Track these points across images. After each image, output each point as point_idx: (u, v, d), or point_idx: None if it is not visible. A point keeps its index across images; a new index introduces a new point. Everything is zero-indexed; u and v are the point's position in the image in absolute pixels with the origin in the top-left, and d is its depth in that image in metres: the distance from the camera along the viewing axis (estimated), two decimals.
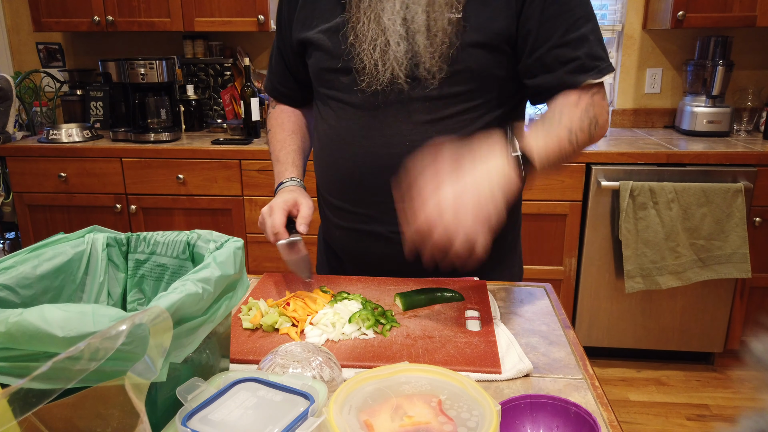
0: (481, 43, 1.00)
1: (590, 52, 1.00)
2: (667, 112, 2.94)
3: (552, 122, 0.99)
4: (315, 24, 1.09)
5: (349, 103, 1.08)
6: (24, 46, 3.19)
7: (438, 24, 0.98)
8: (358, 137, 1.08)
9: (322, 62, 1.09)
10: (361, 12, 1.02)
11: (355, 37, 1.03)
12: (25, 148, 2.60)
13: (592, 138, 1.02)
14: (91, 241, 0.75)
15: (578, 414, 0.66)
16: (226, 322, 0.69)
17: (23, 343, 0.47)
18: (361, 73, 1.04)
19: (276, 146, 1.24)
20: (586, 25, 1.00)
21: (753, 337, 0.52)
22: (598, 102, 1.02)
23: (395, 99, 1.03)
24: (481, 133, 1.05)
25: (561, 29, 0.99)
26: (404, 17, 1.00)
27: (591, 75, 1.00)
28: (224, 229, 2.61)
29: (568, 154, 0.99)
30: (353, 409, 0.57)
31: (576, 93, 1.01)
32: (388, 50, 1.00)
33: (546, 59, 1.01)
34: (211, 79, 3.06)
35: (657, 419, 2.30)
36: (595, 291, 2.53)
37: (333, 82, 1.09)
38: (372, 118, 1.06)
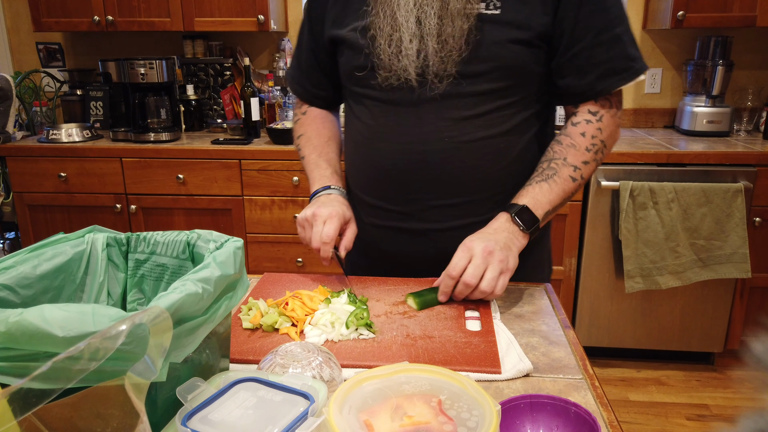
0: (520, 39, 1.00)
1: (623, 53, 1.02)
2: (667, 112, 2.94)
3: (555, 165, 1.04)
4: (347, 22, 1.09)
5: (384, 100, 1.07)
6: (24, 46, 3.19)
7: (448, 30, 0.99)
8: (393, 134, 1.08)
9: (354, 60, 1.08)
10: (379, 6, 1.03)
11: (375, 31, 1.03)
12: (25, 148, 2.60)
13: (599, 163, 1.08)
14: (91, 241, 0.75)
15: (578, 414, 0.66)
16: (226, 322, 0.69)
17: (23, 343, 0.47)
18: (378, 68, 1.04)
19: (313, 152, 1.21)
20: (620, 26, 1.02)
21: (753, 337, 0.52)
22: (608, 120, 1.06)
23: (431, 95, 1.03)
24: (517, 129, 1.08)
25: (595, 29, 1.00)
26: (417, 17, 1.00)
27: (622, 78, 1.03)
28: (224, 229, 2.62)
29: (573, 191, 1.06)
30: (353, 409, 0.57)
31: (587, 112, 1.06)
32: (401, 46, 1.01)
33: (579, 60, 1.02)
34: (211, 79, 3.06)
35: (657, 419, 2.30)
36: (595, 291, 2.53)
37: (366, 80, 1.08)
38: (408, 115, 1.06)
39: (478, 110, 1.04)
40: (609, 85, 1.03)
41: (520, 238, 1.01)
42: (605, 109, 1.06)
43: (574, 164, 1.04)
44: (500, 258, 0.96)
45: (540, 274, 1.22)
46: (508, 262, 0.97)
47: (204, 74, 3.06)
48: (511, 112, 1.06)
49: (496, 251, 0.96)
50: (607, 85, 1.03)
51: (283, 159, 2.52)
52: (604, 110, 1.05)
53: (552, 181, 1.03)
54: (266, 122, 2.83)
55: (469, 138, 1.05)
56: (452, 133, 1.05)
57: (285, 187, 2.55)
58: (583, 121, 1.06)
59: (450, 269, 0.97)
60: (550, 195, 1.03)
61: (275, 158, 2.52)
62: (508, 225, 1.01)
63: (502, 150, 1.07)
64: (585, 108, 1.06)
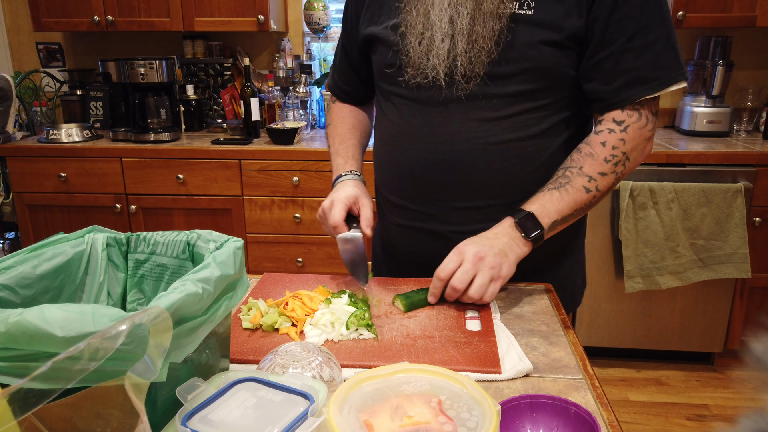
0: (553, 41, 0.97)
1: (654, 62, 0.98)
2: (667, 112, 2.94)
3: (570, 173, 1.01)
4: (382, 20, 1.09)
5: (412, 98, 1.07)
6: (24, 46, 3.19)
7: (479, 30, 0.97)
8: (420, 133, 1.07)
9: (385, 57, 1.09)
10: (412, 4, 1.02)
11: (406, 28, 1.03)
12: (24, 148, 2.60)
13: (620, 177, 1.03)
14: (90, 241, 0.75)
15: (578, 414, 0.66)
16: (226, 322, 0.69)
17: (23, 343, 0.47)
18: (406, 65, 1.04)
19: (336, 140, 1.23)
20: (656, 32, 0.97)
21: (753, 337, 0.52)
22: (634, 132, 1.01)
23: (458, 95, 1.02)
24: (546, 133, 1.05)
25: (626, 34, 0.96)
26: (451, 17, 0.99)
27: (650, 88, 0.98)
28: (224, 229, 2.62)
29: (587, 204, 1.02)
30: (353, 409, 0.57)
31: (611, 121, 1.01)
32: (432, 45, 1.01)
33: (605, 65, 0.99)
34: (210, 79, 3.06)
35: (657, 419, 2.30)
36: (595, 291, 2.53)
37: (394, 78, 1.08)
38: (436, 114, 1.05)
39: (506, 112, 1.02)
40: (633, 94, 0.99)
41: (521, 245, 0.98)
42: (632, 120, 1.00)
43: (590, 174, 1.00)
44: (491, 264, 0.94)
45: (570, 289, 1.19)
46: (500, 269, 0.95)
47: (204, 74, 3.06)
48: (541, 116, 1.04)
49: (488, 257, 0.94)
50: (632, 93, 0.99)
51: (283, 159, 2.52)
52: (631, 120, 1.00)
53: (564, 190, 1.00)
54: (266, 122, 2.83)
55: (496, 140, 1.03)
56: (479, 134, 1.03)
57: (285, 187, 2.55)
58: (606, 130, 1.01)
59: (439, 270, 0.96)
60: (559, 204, 0.99)
61: (275, 158, 2.52)
62: (510, 230, 0.99)
63: (530, 153, 1.05)
64: (610, 116, 1.02)
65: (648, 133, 1.02)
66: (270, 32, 2.91)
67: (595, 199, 1.02)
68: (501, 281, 0.95)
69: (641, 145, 1.02)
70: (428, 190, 1.09)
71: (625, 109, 1.01)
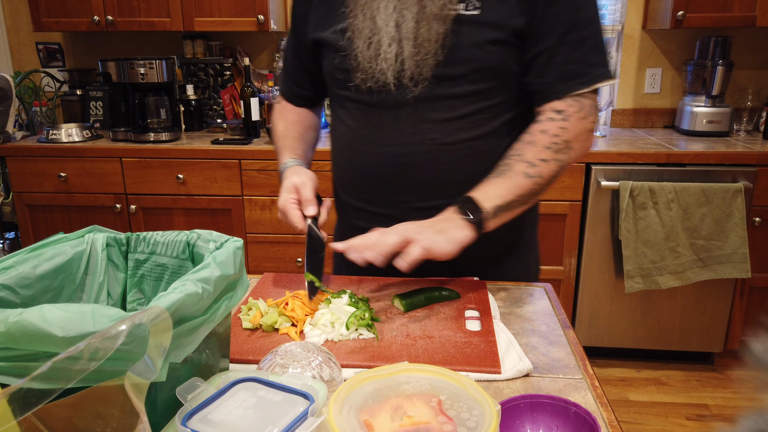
0: (499, 40, 0.99)
1: (585, 57, 1.00)
2: (667, 112, 2.94)
3: (510, 161, 1.02)
4: (329, 24, 1.09)
5: (365, 102, 1.07)
6: (24, 46, 3.19)
7: (424, 34, 0.99)
8: (375, 137, 1.08)
9: (334, 62, 1.08)
10: (359, 9, 1.02)
11: (353, 33, 1.03)
12: (24, 148, 2.60)
13: (563, 165, 1.03)
14: (90, 241, 0.75)
15: (578, 414, 0.66)
16: (226, 322, 0.69)
17: (23, 343, 0.47)
18: (355, 70, 1.05)
19: (277, 138, 1.24)
20: (588, 29, 1.00)
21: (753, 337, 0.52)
22: (575, 122, 1.02)
23: (410, 98, 1.03)
24: (499, 131, 1.07)
25: (561, 29, 0.99)
26: (396, 21, 1.00)
27: (581, 83, 1.01)
28: (224, 229, 2.62)
29: (529, 189, 1.00)
30: (353, 409, 0.57)
31: (551, 110, 1.03)
32: (380, 50, 1.01)
33: (541, 58, 1.01)
34: (210, 79, 3.06)
35: (657, 419, 2.30)
36: (595, 291, 2.53)
37: (346, 83, 1.08)
38: (389, 117, 1.06)
39: (458, 112, 1.04)
40: (567, 87, 1.01)
41: (462, 227, 0.95)
42: (573, 110, 1.02)
43: (530, 160, 1.00)
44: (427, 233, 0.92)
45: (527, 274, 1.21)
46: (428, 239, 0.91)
47: (204, 74, 3.06)
48: (493, 114, 1.05)
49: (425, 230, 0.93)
50: (566, 86, 1.01)
51: None
52: (571, 110, 1.02)
53: (505, 176, 1.00)
54: (266, 122, 2.83)
55: (449, 140, 1.05)
56: (433, 135, 1.05)
57: None
58: (547, 119, 1.03)
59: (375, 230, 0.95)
60: (499, 189, 0.99)
61: (275, 158, 2.51)
62: (450, 215, 0.97)
63: (484, 152, 1.06)
64: (550, 107, 1.03)
65: (590, 124, 1.04)
66: (270, 32, 2.91)
67: (539, 186, 1.01)
68: (422, 249, 0.90)
69: (583, 135, 1.03)
70: (386, 192, 1.10)
71: (565, 99, 1.02)
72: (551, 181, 1.03)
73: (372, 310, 0.93)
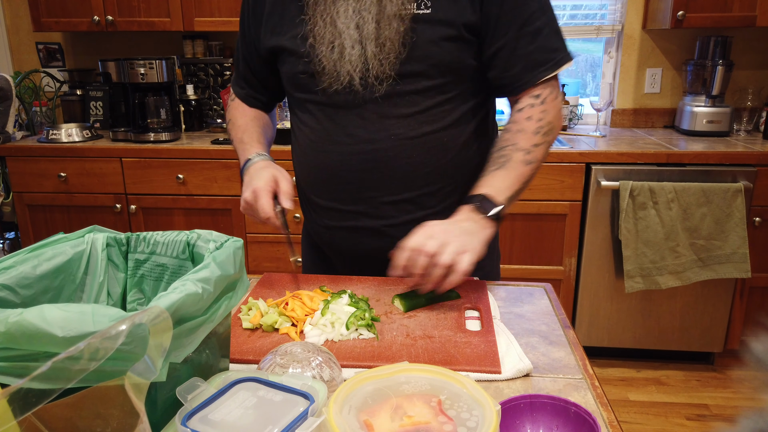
0: (453, 36, 1.03)
1: (545, 45, 1.06)
2: (667, 112, 2.94)
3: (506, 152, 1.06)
4: (285, 30, 1.11)
5: (328, 104, 1.09)
6: (24, 46, 3.19)
7: (386, 33, 1.02)
8: (341, 136, 1.10)
9: (296, 67, 1.10)
10: (318, 15, 1.05)
11: (314, 39, 1.06)
12: (24, 148, 2.60)
13: (550, 145, 1.10)
14: (90, 241, 0.75)
15: (578, 414, 0.66)
16: (226, 322, 0.69)
17: (23, 343, 0.47)
18: (321, 74, 1.07)
19: (238, 132, 1.25)
20: (541, 18, 1.05)
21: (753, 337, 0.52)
22: (551, 103, 1.08)
23: (375, 96, 1.06)
24: (458, 122, 1.11)
25: (517, 23, 1.04)
26: (357, 23, 1.03)
27: (547, 69, 1.06)
28: (224, 229, 2.62)
29: (529, 175, 1.07)
30: (353, 409, 0.57)
31: (529, 97, 1.08)
32: (344, 53, 1.04)
33: (502, 53, 1.06)
34: (210, 79, 3.06)
35: (657, 419, 2.30)
36: (595, 291, 2.53)
37: (309, 87, 1.10)
38: (354, 116, 1.08)
39: (420, 107, 1.07)
40: (534, 76, 1.06)
41: (484, 226, 1.00)
42: (546, 93, 1.08)
43: (525, 148, 1.06)
44: (458, 235, 0.96)
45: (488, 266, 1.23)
46: (470, 243, 0.96)
47: (204, 74, 3.06)
48: (451, 107, 1.10)
49: (455, 231, 0.97)
50: (532, 76, 1.06)
51: (282, 159, 2.52)
52: (545, 93, 1.08)
53: (507, 167, 1.05)
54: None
55: (414, 134, 1.08)
56: (398, 131, 1.08)
57: None
58: (527, 106, 1.08)
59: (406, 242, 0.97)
60: (507, 180, 1.04)
61: (275, 158, 2.50)
62: (471, 214, 1.01)
63: (447, 143, 1.11)
64: (527, 94, 1.08)
65: (560, 103, 1.11)
66: None
67: (535, 169, 1.08)
68: (471, 254, 0.95)
69: (559, 114, 1.11)
70: (356, 189, 1.12)
71: (538, 85, 1.08)
72: (542, 163, 1.10)
73: (372, 310, 0.93)
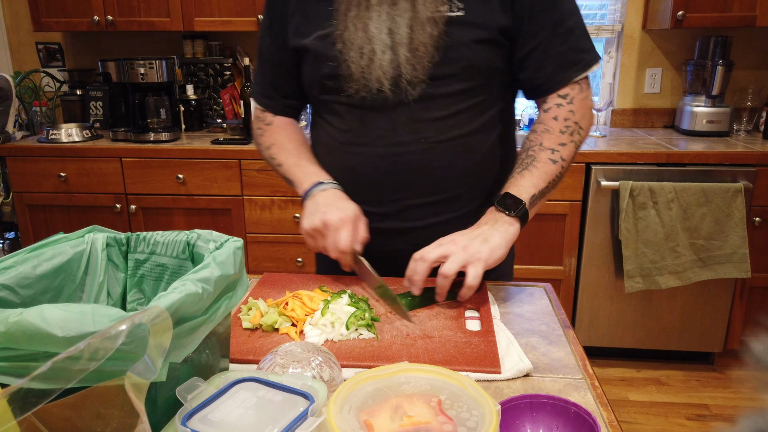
0: (485, 39, 1.03)
1: (576, 45, 1.07)
2: (667, 112, 2.94)
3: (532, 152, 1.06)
4: (309, 32, 1.09)
5: (357, 106, 1.08)
6: (24, 46, 3.19)
7: (419, 38, 1.01)
8: (370, 138, 1.09)
9: (322, 70, 1.09)
10: (349, 20, 1.04)
11: (343, 45, 1.04)
12: (24, 148, 2.60)
13: (578, 145, 1.09)
14: (90, 240, 0.75)
15: (578, 414, 0.66)
16: (226, 322, 0.69)
17: (23, 342, 0.47)
18: (348, 80, 1.06)
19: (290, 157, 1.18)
20: (572, 19, 1.06)
21: (753, 337, 0.52)
22: (579, 103, 1.08)
23: (407, 100, 1.05)
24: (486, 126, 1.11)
25: (549, 24, 1.04)
26: (390, 28, 1.02)
27: (578, 69, 1.07)
28: (224, 229, 2.62)
29: (557, 175, 1.06)
30: (353, 409, 0.57)
31: (556, 97, 1.08)
32: (374, 58, 1.03)
33: (535, 54, 1.06)
34: (210, 79, 3.06)
35: (657, 419, 2.30)
36: (595, 291, 2.53)
37: (335, 89, 1.09)
38: (384, 119, 1.07)
39: (451, 110, 1.07)
40: (566, 76, 1.07)
41: (507, 224, 1.00)
42: (575, 92, 1.08)
43: (551, 147, 1.06)
44: (464, 245, 0.96)
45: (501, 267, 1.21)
46: (478, 251, 0.95)
47: (204, 74, 3.06)
48: (481, 110, 1.10)
49: (462, 240, 0.97)
50: (565, 76, 1.07)
51: None
52: (574, 93, 1.08)
53: (532, 167, 1.05)
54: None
55: (444, 137, 1.08)
56: (429, 134, 1.07)
57: (285, 187, 2.55)
58: (554, 105, 1.08)
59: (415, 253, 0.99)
60: (531, 179, 1.04)
61: None
62: (492, 214, 1.02)
63: (474, 147, 1.10)
64: (554, 94, 1.09)
65: (591, 103, 1.11)
66: None
67: (563, 169, 1.07)
68: (480, 264, 0.95)
69: (588, 114, 1.10)
70: (383, 192, 1.12)
71: (566, 86, 1.08)
72: (570, 163, 1.09)
73: (372, 310, 0.93)
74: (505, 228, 0.99)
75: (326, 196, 1.08)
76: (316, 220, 1.03)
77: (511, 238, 0.99)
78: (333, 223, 1.02)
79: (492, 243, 0.97)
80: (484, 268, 0.95)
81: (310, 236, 1.06)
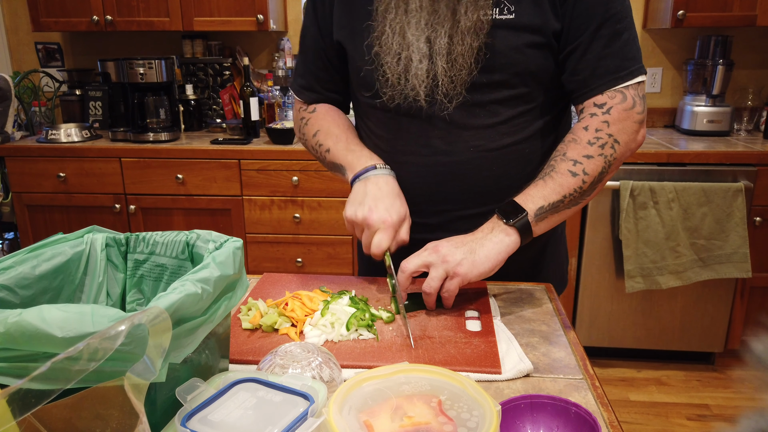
0: (538, 43, 0.97)
1: (620, 52, 0.97)
2: (668, 112, 2.94)
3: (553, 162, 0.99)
4: (349, 30, 1.05)
5: (400, 113, 1.04)
6: (23, 46, 3.19)
7: (458, 49, 0.96)
8: (416, 147, 1.05)
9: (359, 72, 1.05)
10: (387, 23, 0.99)
11: (380, 48, 1.00)
12: (24, 148, 2.60)
13: (609, 161, 0.98)
14: (90, 241, 0.75)
15: (578, 414, 0.66)
16: (226, 322, 0.69)
17: (22, 343, 0.47)
18: (384, 86, 1.02)
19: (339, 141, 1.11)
20: (623, 22, 0.97)
21: (753, 337, 0.52)
22: (618, 114, 0.98)
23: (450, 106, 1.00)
24: (539, 133, 1.05)
25: (593, 24, 0.96)
26: (428, 37, 0.97)
27: (617, 78, 0.98)
28: (223, 229, 2.61)
29: (576, 189, 0.97)
30: (353, 409, 0.57)
31: (592, 106, 1.00)
32: (410, 66, 0.98)
33: (574, 57, 0.99)
34: (210, 79, 3.06)
35: (657, 419, 2.30)
36: (595, 291, 2.53)
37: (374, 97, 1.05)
38: (429, 127, 1.03)
39: (501, 117, 1.02)
40: (604, 83, 0.98)
41: (504, 234, 0.94)
42: (615, 101, 0.98)
43: (574, 158, 0.97)
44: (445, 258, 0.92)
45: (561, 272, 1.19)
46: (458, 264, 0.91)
47: (203, 74, 3.05)
48: (534, 116, 1.04)
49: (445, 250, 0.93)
50: (603, 83, 0.98)
51: (282, 159, 2.52)
52: (614, 102, 0.98)
53: (548, 177, 0.97)
54: (266, 122, 2.83)
55: (495, 146, 1.03)
56: (478, 142, 1.02)
57: (284, 187, 2.55)
58: (588, 115, 1.00)
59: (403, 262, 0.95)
60: (544, 190, 0.96)
61: (275, 158, 2.52)
62: (492, 222, 0.96)
63: (527, 155, 1.05)
64: (591, 102, 1.00)
65: (637, 115, 0.99)
66: (269, 32, 2.91)
67: (585, 184, 0.97)
68: (457, 279, 0.91)
69: (630, 127, 0.99)
70: (431, 203, 1.08)
71: (606, 92, 0.99)
72: (601, 179, 0.99)
73: (381, 310, 0.93)
74: (500, 238, 0.93)
75: (378, 186, 1.02)
76: (359, 214, 0.99)
77: (506, 250, 0.93)
78: (374, 225, 0.98)
79: (477, 255, 0.92)
80: (461, 283, 0.92)
81: (350, 224, 1.02)
